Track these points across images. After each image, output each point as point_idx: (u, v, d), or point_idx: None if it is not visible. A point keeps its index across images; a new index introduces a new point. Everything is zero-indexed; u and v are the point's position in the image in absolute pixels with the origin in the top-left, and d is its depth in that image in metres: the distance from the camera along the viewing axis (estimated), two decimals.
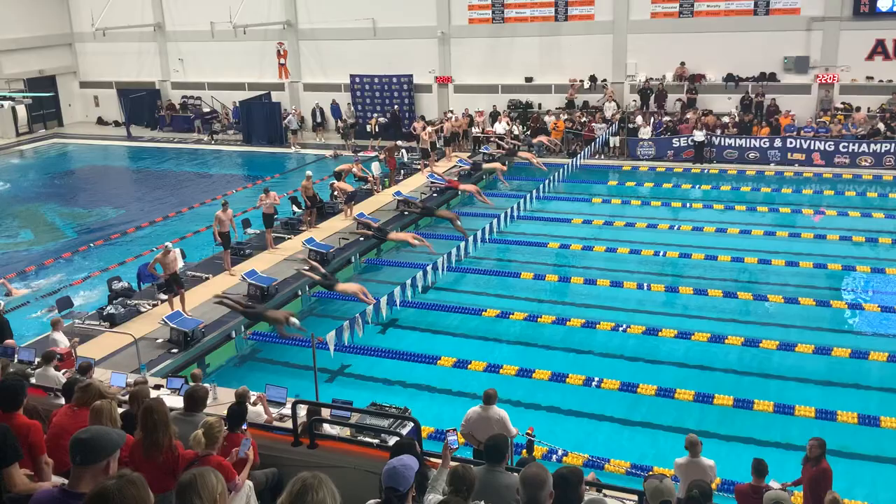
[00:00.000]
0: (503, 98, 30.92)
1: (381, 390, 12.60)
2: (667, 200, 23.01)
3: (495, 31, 30.74)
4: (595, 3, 29.29)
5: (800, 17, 26.90)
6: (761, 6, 27.37)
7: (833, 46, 26.72)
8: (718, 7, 27.93)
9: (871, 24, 26.24)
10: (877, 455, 10.65)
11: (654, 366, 13.34)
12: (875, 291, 16.25)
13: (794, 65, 27.16)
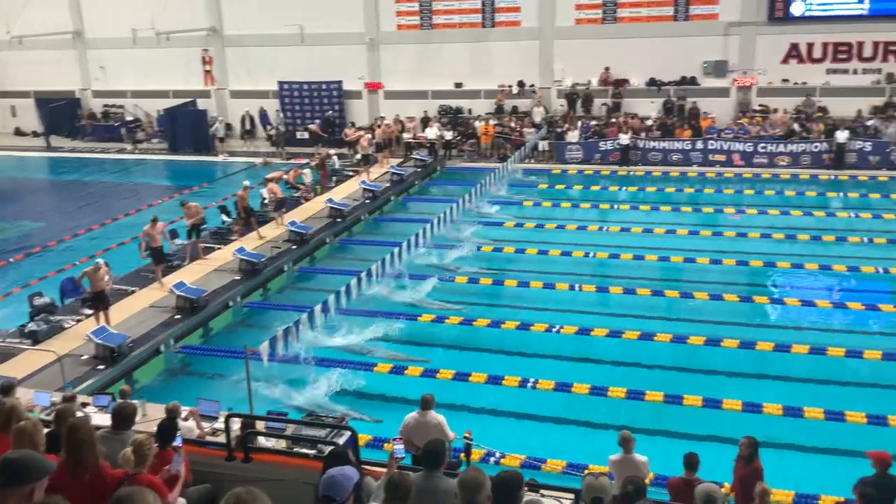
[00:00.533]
0: (434, 104, 31.02)
1: (318, 400, 12.46)
2: (595, 202, 23.48)
3: (424, 38, 30.84)
4: (521, 9, 29.69)
5: (718, 22, 27.82)
6: (681, 12, 28.20)
7: (750, 50, 27.72)
8: (640, 13, 28.66)
9: (786, 29, 27.32)
10: (801, 445, 11.04)
11: (587, 365, 13.57)
12: (795, 286, 16.88)
13: (714, 69, 28.06)
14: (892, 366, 12.86)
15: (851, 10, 26.54)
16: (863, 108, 26.48)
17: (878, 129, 25.18)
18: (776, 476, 9.60)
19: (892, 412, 11.25)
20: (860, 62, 26.95)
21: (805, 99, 27.30)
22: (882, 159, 24.67)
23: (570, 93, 29.55)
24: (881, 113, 26.11)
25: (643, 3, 28.53)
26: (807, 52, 27.35)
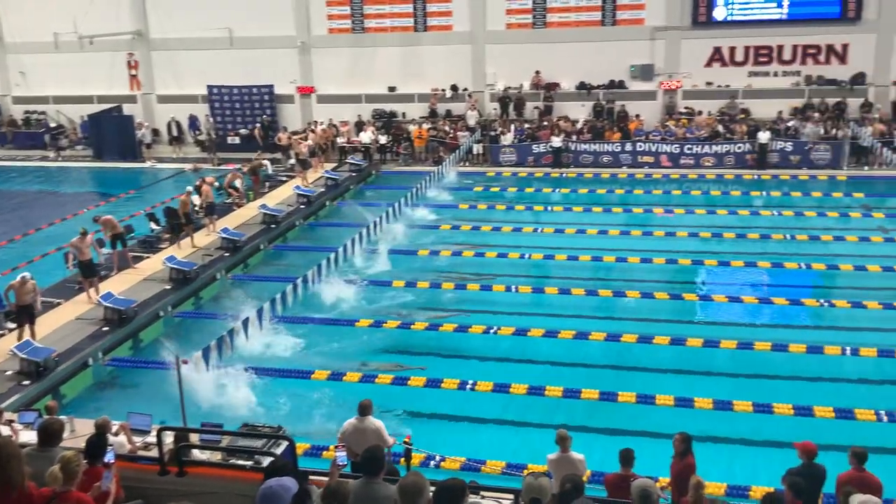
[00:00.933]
0: (368, 108, 30.92)
1: (254, 410, 12.25)
2: (530, 204, 23.74)
3: (356, 41, 30.71)
4: (453, 13, 29.85)
5: (644, 27, 28.50)
6: (608, 17, 28.79)
7: (675, 54, 28.48)
8: (569, 18, 29.14)
9: (709, 33, 28.16)
10: (732, 437, 11.36)
11: (524, 365, 13.70)
12: (722, 283, 17.39)
13: (640, 72, 28.73)
14: (816, 358, 13.33)
15: (771, 14, 27.53)
16: (783, 109, 27.48)
17: (797, 130, 26.16)
18: (709, 468, 9.84)
19: (818, 403, 11.67)
20: (780, 65, 27.97)
21: (728, 101, 28.19)
22: (802, 158, 25.63)
23: (502, 96, 29.84)
24: (800, 114, 27.14)
25: (572, 9, 29.02)
26: (729, 56, 28.25)
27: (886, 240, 19.09)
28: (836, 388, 12.50)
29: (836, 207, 22.10)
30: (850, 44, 27.16)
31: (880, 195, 23.24)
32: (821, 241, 19.19)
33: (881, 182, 24.35)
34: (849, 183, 24.42)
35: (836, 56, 27.46)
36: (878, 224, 20.45)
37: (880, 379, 12.73)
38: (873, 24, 26.77)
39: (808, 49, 27.59)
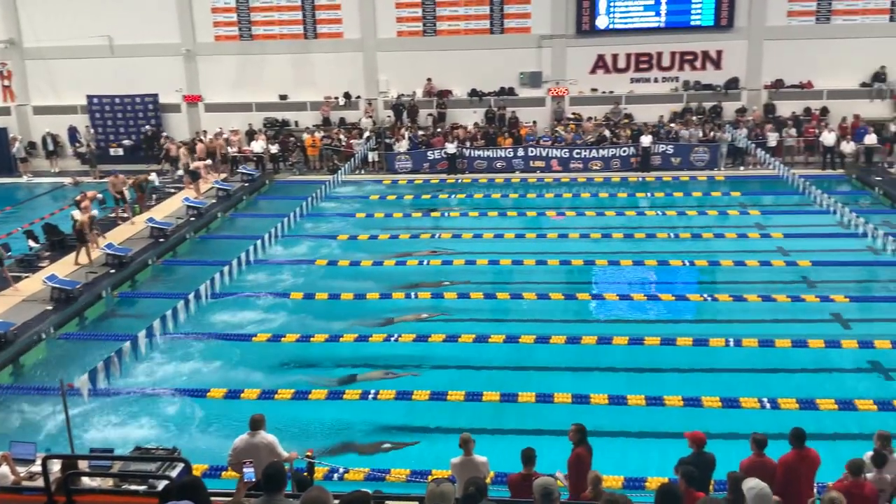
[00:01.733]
0: (258, 116, 30.35)
1: (147, 432, 11.79)
2: (427, 211, 23.88)
3: (244, 49, 30.11)
4: (343, 21, 29.73)
5: (531, 35, 29.21)
6: (496, 25, 29.37)
7: (561, 62, 29.33)
8: (458, 26, 29.56)
9: (593, 41, 29.15)
10: (626, 430, 11.75)
11: (426, 371, 13.75)
12: (613, 282, 18.00)
13: (529, 80, 29.43)
14: (702, 351, 13.97)
15: (649, 23, 28.76)
16: (664, 113, 28.75)
17: (677, 133, 27.40)
18: (606, 462, 10.18)
19: (706, 394, 12.22)
20: (660, 71, 29.25)
21: (613, 107, 29.24)
22: (683, 160, 26.87)
23: (396, 104, 29.91)
24: (680, 118, 28.47)
25: (461, 17, 29.45)
26: (612, 63, 29.32)
27: (763, 235, 20.22)
28: (721, 378, 13.13)
29: (715, 206, 23.27)
30: (724, 50, 28.72)
31: (756, 193, 24.64)
32: (702, 239, 20.15)
33: (756, 181, 25.82)
34: (726, 182, 25.76)
35: (711, 62, 28.96)
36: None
37: (762, 368, 13.44)
38: (744, 32, 28.40)
39: (685, 56, 28.99)
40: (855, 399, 11.89)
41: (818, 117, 27.83)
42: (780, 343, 13.85)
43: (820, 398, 11.97)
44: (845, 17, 28.11)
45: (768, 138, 26.59)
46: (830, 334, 14.33)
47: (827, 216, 20.73)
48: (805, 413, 11.51)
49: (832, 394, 12.15)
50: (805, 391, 12.32)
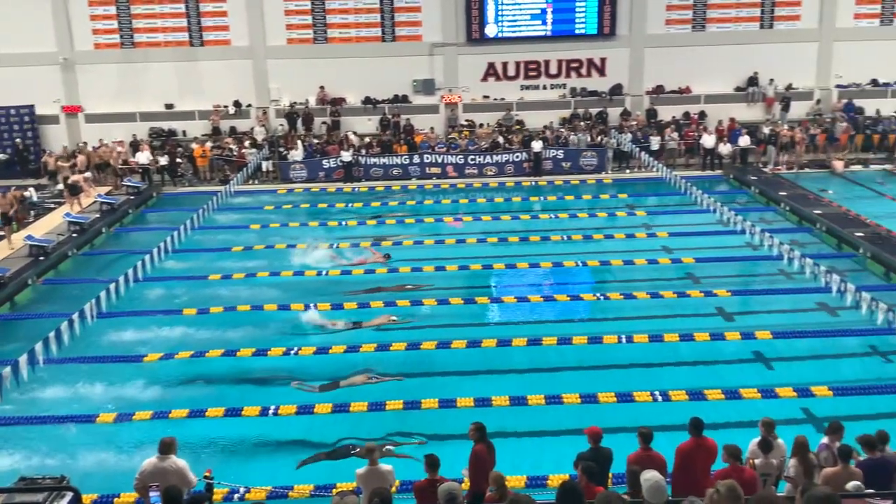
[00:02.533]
0: (143, 126, 29.28)
1: (34, 461, 11.14)
2: (324, 220, 23.60)
3: (126, 57, 29.02)
4: (231, 28, 29.14)
5: (423, 43, 29.45)
6: (388, 33, 29.46)
7: (453, 69, 29.70)
8: (349, 34, 29.49)
9: (483, 49, 29.66)
10: (529, 430, 11.97)
11: (327, 382, 13.58)
12: (510, 285, 18.31)
13: (422, 87, 29.66)
14: (597, 348, 14.40)
15: (536, 31, 29.53)
16: (553, 119, 29.54)
17: (567, 138, 28.20)
18: (510, 462, 10.35)
19: (601, 390, 12.60)
20: (548, 78, 30.06)
21: (505, 113, 29.82)
22: (572, 164, 27.68)
23: (289, 112, 29.50)
24: (569, 124, 29.32)
25: (352, 25, 29.39)
26: (502, 71, 29.93)
27: (649, 235, 21.06)
28: (615, 374, 13.58)
29: (604, 208, 24.08)
30: (608, 58, 29.80)
31: (641, 195, 25.64)
32: (593, 240, 20.78)
33: (641, 183, 26.86)
34: (614, 185, 26.71)
35: (596, 69, 29.99)
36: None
37: (652, 362, 13.97)
38: (626, 40, 29.56)
39: (571, 63, 29.91)
40: (740, 388, 12.53)
41: (697, 121, 29.28)
42: (668, 337, 14.44)
43: (707, 389, 12.54)
44: (719, 25, 29.72)
45: (651, 142, 27.75)
46: (715, 327, 15.07)
47: (708, 215, 21.79)
48: (694, 404, 12.02)
49: (719, 384, 12.76)
50: (693, 383, 12.87)
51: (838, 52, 29.52)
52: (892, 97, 29.62)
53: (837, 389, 12.40)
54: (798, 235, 20.71)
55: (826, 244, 20.14)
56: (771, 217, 22.58)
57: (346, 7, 29.32)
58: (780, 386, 12.61)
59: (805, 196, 23.13)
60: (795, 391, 12.40)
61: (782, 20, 29.61)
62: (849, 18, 29.55)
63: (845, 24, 29.50)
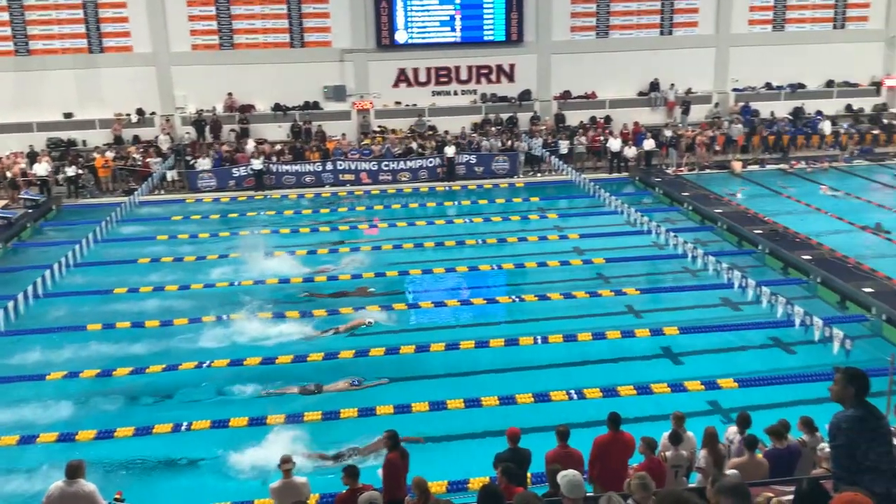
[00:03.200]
0: (41, 136, 27.99)
1: None
2: (234, 229, 23.07)
3: (21, 65, 27.73)
4: (132, 34, 28.23)
5: (332, 49, 29.25)
6: (297, 39, 29.13)
7: (364, 76, 29.60)
8: (257, 39, 29.01)
9: (393, 56, 29.68)
10: (449, 435, 12.00)
11: (240, 397, 13.28)
12: (428, 290, 18.33)
13: (333, 93, 29.46)
14: (513, 350, 14.60)
15: (446, 37, 29.77)
16: (465, 125, 29.81)
17: (479, 143, 28.51)
18: (431, 469, 10.37)
19: (518, 391, 12.78)
20: (459, 84, 30.34)
21: (417, 119, 29.91)
22: (485, 169, 27.99)
23: (196, 120, 28.77)
24: (480, 129, 29.65)
25: (259, 30, 28.93)
26: (414, 77, 30.03)
27: (561, 237, 21.47)
28: (532, 374, 13.80)
29: (517, 212, 24.45)
30: (516, 64, 30.30)
31: (552, 198, 26.15)
32: (508, 243, 21.09)
33: (552, 186, 27.40)
34: (526, 189, 27.16)
35: (505, 75, 30.45)
36: None
37: (567, 361, 14.26)
38: (533, 46, 30.12)
39: (481, 69, 30.27)
40: (651, 383, 12.93)
41: (603, 125, 30.09)
42: (581, 337, 14.79)
43: (620, 385, 12.89)
44: (622, 32, 30.66)
45: (560, 146, 28.34)
46: (625, 325, 15.50)
47: (616, 216, 22.40)
48: (608, 400, 12.33)
49: (631, 380, 13.13)
50: (607, 380, 13.21)
51: (734, 57, 30.90)
52: (786, 99, 31.21)
53: (742, 381, 12.96)
54: (701, 234, 21.55)
55: (727, 242, 21.02)
56: (675, 217, 23.41)
57: (252, 13, 28.83)
58: (688, 380, 13.08)
59: (707, 196, 24.08)
60: (703, 384, 12.90)
61: (681, 27, 30.79)
62: (743, 25, 30.98)
63: (740, 31, 30.91)
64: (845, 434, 5.14)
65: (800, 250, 18.62)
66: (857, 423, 5.13)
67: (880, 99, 31.62)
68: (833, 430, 5.25)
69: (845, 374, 5.33)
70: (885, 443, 5.16)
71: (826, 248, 18.71)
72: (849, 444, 5.12)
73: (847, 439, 5.13)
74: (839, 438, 5.19)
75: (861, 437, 5.11)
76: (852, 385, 5.24)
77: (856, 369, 5.40)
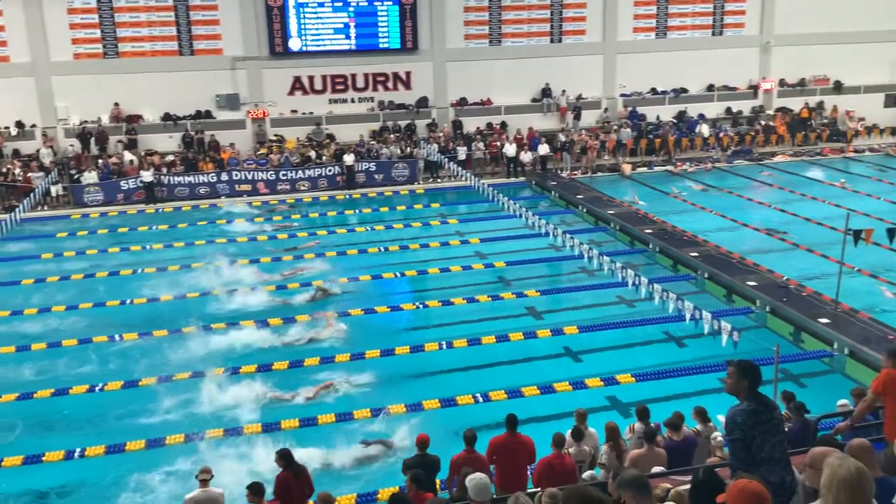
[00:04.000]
0: None
1: None
2: (125, 245, 22.17)
3: None
4: (8, 44, 26.79)
5: (223, 56, 28.60)
6: (186, 47, 28.33)
7: (258, 84, 29.07)
8: (143, 47, 28.05)
9: (288, 63, 29.28)
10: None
11: (140, 416, 12.81)
12: (332, 301, 18.01)
13: (226, 102, 28.81)
14: (419, 356, 14.65)
15: (341, 45, 29.61)
16: (364, 132, 29.72)
17: (378, 151, 28.48)
18: (341, 481, 10.32)
19: (425, 397, 12.83)
20: (355, 92, 30.22)
21: (314, 127, 29.61)
22: (385, 176, 27.99)
23: (81, 132, 27.52)
24: (379, 136, 29.62)
25: (145, 38, 27.99)
26: (309, 85, 29.71)
27: (462, 242, 21.70)
28: (438, 379, 13.89)
29: (418, 218, 24.55)
30: (413, 71, 30.45)
31: (453, 203, 26.41)
32: (410, 250, 21.14)
33: (452, 192, 27.67)
34: (426, 195, 27.33)
35: (402, 83, 30.54)
36: None
37: (472, 365, 14.41)
38: (428, 54, 30.34)
39: (377, 77, 30.26)
40: (553, 382, 13.24)
41: (499, 131, 30.62)
42: (486, 340, 15.00)
43: (524, 386, 13.15)
44: (514, 40, 31.28)
45: (458, 152, 28.66)
46: (527, 326, 15.84)
47: (515, 220, 22.83)
48: (513, 401, 12.55)
49: (534, 380, 13.41)
50: (511, 381, 13.45)
51: (621, 63, 32.04)
52: (670, 104, 32.59)
53: (639, 376, 13.44)
54: (595, 235, 22.25)
55: (620, 242, 21.79)
56: (570, 219, 24.07)
57: (138, 20, 27.84)
58: (588, 377, 13.48)
59: (600, 198, 24.87)
60: (602, 380, 13.32)
61: (570, 35, 31.69)
62: (628, 33, 32.17)
63: (625, 38, 32.09)
64: (741, 428, 5.32)
65: (687, 248, 19.50)
66: (752, 416, 5.32)
67: (757, 101, 33.47)
68: (729, 423, 5.44)
69: (738, 367, 5.52)
70: (779, 432, 5.40)
71: (711, 245, 19.66)
72: (744, 438, 5.31)
73: (742, 433, 5.32)
74: (735, 432, 5.37)
75: (755, 430, 5.30)
76: (745, 378, 5.44)
77: (748, 362, 5.62)
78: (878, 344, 13.45)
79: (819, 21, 32.05)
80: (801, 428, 8.86)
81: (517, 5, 30.95)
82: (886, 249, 17.03)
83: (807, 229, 21.20)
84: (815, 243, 19.81)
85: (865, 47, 32.65)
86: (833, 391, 12.68)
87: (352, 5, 29.38)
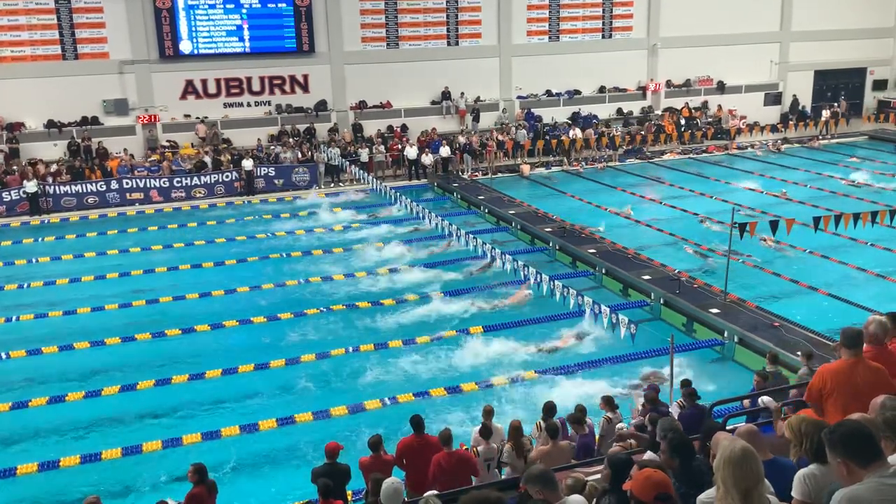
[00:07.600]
0: None
1: None
2: (9, 260, 20.97)
3: None
4: None
5: (110, 61, 27.51)
6: (69, 51, 27.12)
7: (148, 88, 28.10)
8: (24, 52, 26.64)
9: (179, 66, 28.42)
10: (263, 456, 11.76)
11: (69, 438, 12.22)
12: (235, 309, 17.53)
13: (114, 107, 27.73)
14: (327, 360, 14.50)
15: (234, 48, 28.98)
16: (262, 136, 29.17)
17: (278, 156, 28.00)
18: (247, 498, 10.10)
19: (333, 404, 12.74)
20: (251, 95, 29.64)
21: (210, 131, 28.81)
22: (285, 181, 27.54)
23: None
24: (278, 140, 29.13)
25: (25, 42, 26.59)
26: (202, 88, 28.93)
27: (388, 244, 21.62)
28: (347, 385, 13.81)
29: (321, 224, 24.21)
30: (310, 74, 30.10)
31: (355, 207, 26.23)
32: (312, 255, 20.86)
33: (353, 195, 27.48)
34: (328, 198, 27.00)
35: (299, 86, 30.15)
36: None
37: (381, 371, 14.38)
38: (326, 57, 30.08)
39: (274, 80, 29.77)
40: (461, 384, 13.39)
41: (400, 134, 30.65)
42: (392, 344, 15.00)
43: (432, 388, 13.24)
44: (411, 43, 31.38)
45: (359, 155, 28.52)
46: (434, 328, 15.90)
47: (417, 222, 22.86)
48: (418, 403, 12.60)
49: (441, 383, 13.51)
50: (419, 386, 13.49)
51: (517, 66, 32.66)
52: (564, 105, 33.42)
53: (541, 372, 13.74)
54: (497, 234, 22.58)
55: (521, 241, 22.19)
56: (473, 219, 24.34)
57: (17, 23, 26.42)
58: (494, 376, 13.68)
59: (500, 198, 25.26)
60: (507, 379, 13.54)
61: (466, 38, 32.06)
62: (522, 36, 32.80)
63: (520, 41, 32.72)
64: None
65: (585, 245, 20.06)
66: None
67: (646, 102, 34.77)
68: None
69: (669, 444, 5.66)
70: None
71: (608, 242, 20.29)
72: None
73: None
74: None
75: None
76: (677, 456, 5.55)
77: (679, 437, 5.73)
78: (765, 331, 14.25)
79: (702, 24, 33.64)
80: (694, 413, 9.30)
81: (413, 8, 31.08)
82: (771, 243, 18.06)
83: (693, 225, 22.25)
84: (703, 237, 20.81)
85: (745, 49, 34.55)
86: (725, 378, 13.37)
87: (245, 7, 28.81)
